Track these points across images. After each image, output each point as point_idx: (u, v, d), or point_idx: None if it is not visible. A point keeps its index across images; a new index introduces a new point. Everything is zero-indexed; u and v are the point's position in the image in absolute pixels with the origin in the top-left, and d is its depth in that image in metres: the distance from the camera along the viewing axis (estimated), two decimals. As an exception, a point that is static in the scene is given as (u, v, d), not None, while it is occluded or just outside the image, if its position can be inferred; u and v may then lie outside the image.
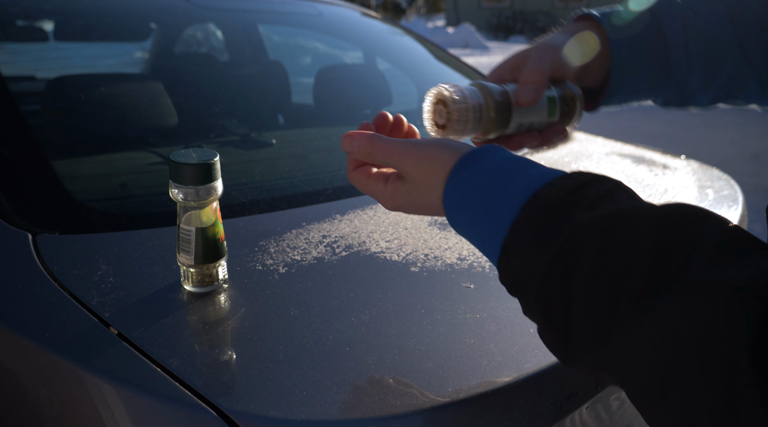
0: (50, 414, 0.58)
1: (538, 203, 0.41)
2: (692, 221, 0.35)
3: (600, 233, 0.37)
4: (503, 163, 0.46)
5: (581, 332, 0.37)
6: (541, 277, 0.39)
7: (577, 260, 0.37)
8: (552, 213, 0.40)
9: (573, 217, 0.39)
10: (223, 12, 1.67)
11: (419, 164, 0.50)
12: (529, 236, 0.41)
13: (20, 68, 1.29)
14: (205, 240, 0.64)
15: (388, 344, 0.58)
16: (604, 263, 0.36)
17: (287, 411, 0.48)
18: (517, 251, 0.42)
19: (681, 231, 0.35)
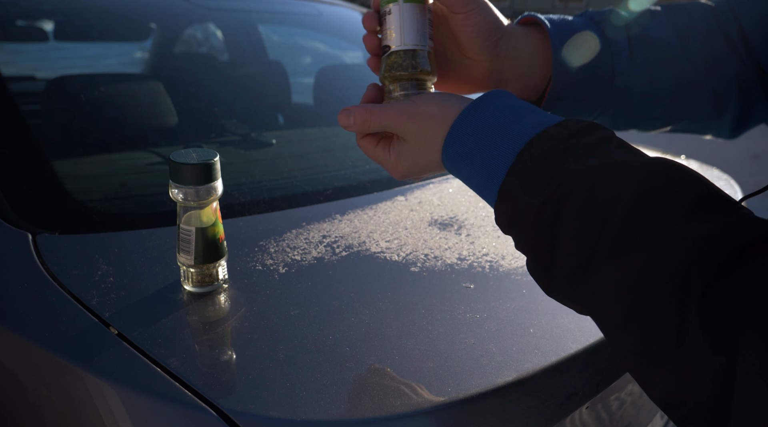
0: (50, 414, 0.58)
1: (533, 151, 0.45)
2: (670, 177, 0.39)
3: (586, 182, 0.41)
4: (503, 111, 0.49)
5: (562, 269, 0.41)
6: (531, 219, 0.43)
7: (565, 206, 0.41)
8: (545, 161, 0.44)
9: (564, 165, 0.43)
10: (223, 12, 1.67)
11: (414, 120, 0.53)
12: (524, 181, 0.45)
13: (20, 68, 1.29)
14: (205, 240, 0.64)
15: (388, 344, 0.58)
16: (587, 210, 0.40)
17: (287, 411, 0.48)
18: (512, 195, 0.46)
19: (658, 187, 0.38)
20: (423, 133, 0.52)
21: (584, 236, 0.40)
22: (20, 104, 0.99)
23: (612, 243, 0.38)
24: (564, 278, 0.41)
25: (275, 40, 1.90)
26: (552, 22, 0.59)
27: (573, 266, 0.40)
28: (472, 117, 0.50)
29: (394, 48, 0.56)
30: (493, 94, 0.50)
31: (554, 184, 0.42)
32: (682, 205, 0.37)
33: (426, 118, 0.52)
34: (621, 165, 0.40)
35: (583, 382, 0.58)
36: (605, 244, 0.38)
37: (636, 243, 0.37)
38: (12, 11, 1.31)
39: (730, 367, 0.31)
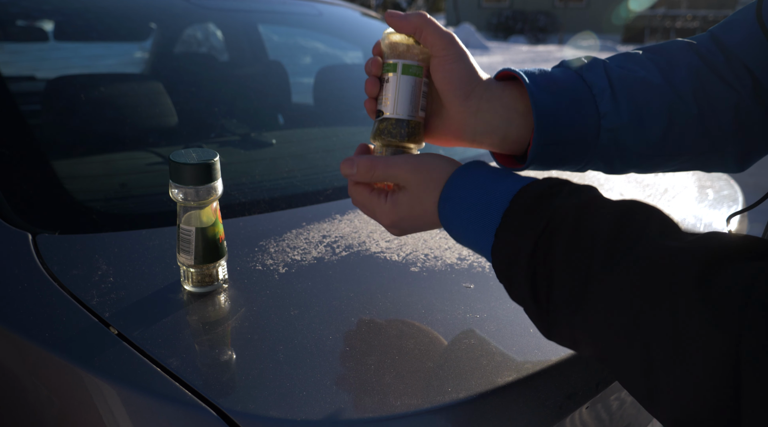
0: (50, 414, 0.58)
1: (525, 195, 0.49)
2: (644, 209, 0.44)
3: (574, 214, 0.45)
4: (491, 172, 0.54)
5: (560, 297, 0.44)
6: (528, 255, 0.46)
7: (557, 238, 0.45)
8: (537, 201, 0.48)
9: (554, 203, 0.47)
10: (223, 12, 1.67)
11: (417, 170, 0.57)
12: (519, 221, 0.48)
13: (20, 68, 1.29)
14: (205, 240, 0.64)
15: (388, 344, 0.58)
16: (577, 238, 0.44)
17: (287, 411, 0.48)
18: (508, 236, 0.49)
19: (636, 214, 0.43)
20: (424, 184, 0.56)
21: (576, 263, 0.43)
22: (20, 104, 0.99)
23: (602, 264, 0.41)
24: (562, 306, 0.43)
25: (275, 40, 1.90)
26: (528, 73, 0.59)
27: (568, 294, 0.43)
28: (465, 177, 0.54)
29: (387, 115, 0.60)
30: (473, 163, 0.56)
31: (546, 219, 0.46)
32: (657, 228, 0.42)
33: (430, 170, 0.56)
34: (601, 200, 0.46)
35: (583, 382, 0.58)
36: (596, 267, 0.41)
37: (622, 260, 0.40)
38: (12, 11, 1.31)
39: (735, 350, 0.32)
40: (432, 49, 0.58)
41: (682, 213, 1.01)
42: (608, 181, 1.12)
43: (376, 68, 0.60)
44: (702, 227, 0.97)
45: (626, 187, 1.10)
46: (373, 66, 0.60)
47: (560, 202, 0.47)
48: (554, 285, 0.44)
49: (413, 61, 0.59)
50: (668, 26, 17.12)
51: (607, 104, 0.59)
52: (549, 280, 0.44)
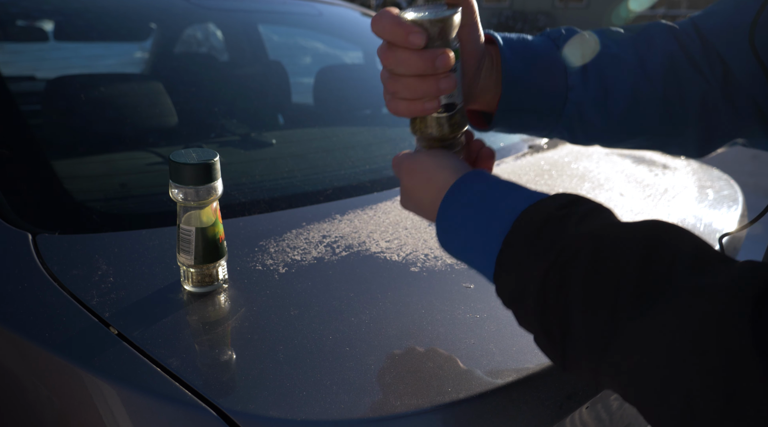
0: (50, 414, 0.58)
1: (530, 218, 0.44)
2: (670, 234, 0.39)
3: (592, 244, 0.39)
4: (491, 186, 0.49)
5: (579, 339, 0.39)
6: (537, 288, 0.41)
7: (572, 270, 0.39)
8: (545, 227, 0.43)
9: (566, 230, 0.42)
10: (223, 12, 1.67)
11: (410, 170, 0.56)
12: (524, 248, 0.43)
13: (20, 68, 1.29)
14: (205, 240, 0.64)
15: (388, 344, 0.58)
16: (597, 272, 0.38)
17: (287, 411, 0.48)
18: (513, 264, 0.44)
19: (661, 245, 0.38)
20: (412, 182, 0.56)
21: (599, 298, 0.38)
22: (20, 104, 0.99)
23: (631, 302, 0.36)
24: (583, 348, 0.39)
25: (275, 40, 1.90)
26: (505, 38, 0.60)
27: (593, 333, 0.38)
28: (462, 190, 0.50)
29: (459, 106, 0.54)
30: (469, 175, 0.51)
31: (557, 250, 0.41)
32: (688, 260, 0.36)
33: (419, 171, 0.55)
34: (621, 227, 0.40)
35: (583, 382, 0.58)
36: (624, 303, 0.36)
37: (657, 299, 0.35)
38: (12, 11, 1.32)
39: None
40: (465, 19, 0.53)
41: (682, 213, 1.01)
42: (608, 181, 1.12)
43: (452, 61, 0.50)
44: (702, 227, 0.97)
45: (626, 188, 1.10)
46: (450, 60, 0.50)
47: (573, 230, 0.41)
48: (571, 327, 0.39)
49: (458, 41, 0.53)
50: (668, 26, 17.12)
51: (577, 78, 0.60)
52: (564, 320, 0.40)
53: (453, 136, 0.56)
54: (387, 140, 1.30)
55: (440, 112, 0.53)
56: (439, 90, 0.51)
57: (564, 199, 0.44)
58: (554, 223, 0.42)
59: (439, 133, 0.55)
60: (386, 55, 0.50)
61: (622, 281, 0.37)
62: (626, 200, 1.03)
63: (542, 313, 0.41)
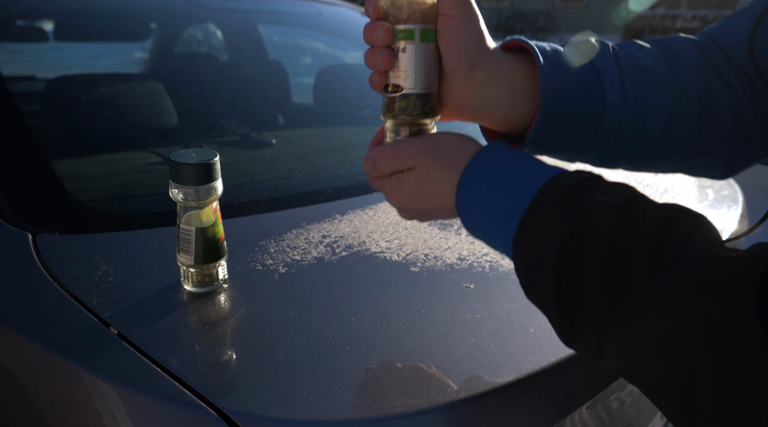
0: (50, 414, 0.58)
1: (558, 185, 0.44)
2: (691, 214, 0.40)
3: (615, 215, 0.40)
4: (517, 156, 0.49)
5: (590, 303, 0.39)
6: (557, 250, 0.41)
7: (592, 238, 0.40)
8: (572, 194, 0.43)
9: (592, 199, 0.42)
10: (223, 12, 1.67)
11: (428, 151, 0.51)
12: (550, 211, 0.43)
13: (20, 68, 1.29)
14: (205, 240, 0.64)
15: (388, 344, 0.58)
16: (616, 241, 0.39)
17: (287, 411, 0.48)
18: (536, 228, 0.44)
19: (682, 220, 0.39)
20: (436, 163, 0.51)
21: (614, 265, 0.39)
22: (20, 104, 0.99)
23: (644, 268, 0.37)
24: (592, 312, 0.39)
25: (275, 40, 1.90)
26: (540, 48, 0.55)
27: (603, 296, 0.39)
28: (490, 158, 0.49)
29: (406, 90, 0.52)
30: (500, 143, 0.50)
31: (580, 216, 0.41)
32: (707, 235, 0.38)
33: (443, 149, 0.51)
34: (646, 201, 0.42)
35: (583, 382, 0.58)
36: (637, 270, 0.37)
37: (669, 266, 0.36)
38: (12, 11, 1.31)
39: None
40: (443, 6, 0.50)
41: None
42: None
43: (388, 37, 0.51)
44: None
45: (626, 187, 1.09)
46: (385, 35, 0.51)
47: (599, 199, 0.42)
48: (584, 290, 0.40)
49: (431, 26, 0.51)
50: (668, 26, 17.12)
51: (615, 93, 0.55)
52: (578, 284, 0.40)
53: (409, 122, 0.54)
54: (387, 140, 1.30)
55: (389, 91, 0.53)
56: (374, 63, 0.52)
57: (589, 174, 0.45)
58: (581, 191, 0.43)
59: (389, 115, 0.54)
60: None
61: (639, 249, 0.38)
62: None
63: (557, 276, 0.41)
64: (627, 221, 0.40)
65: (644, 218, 0.40)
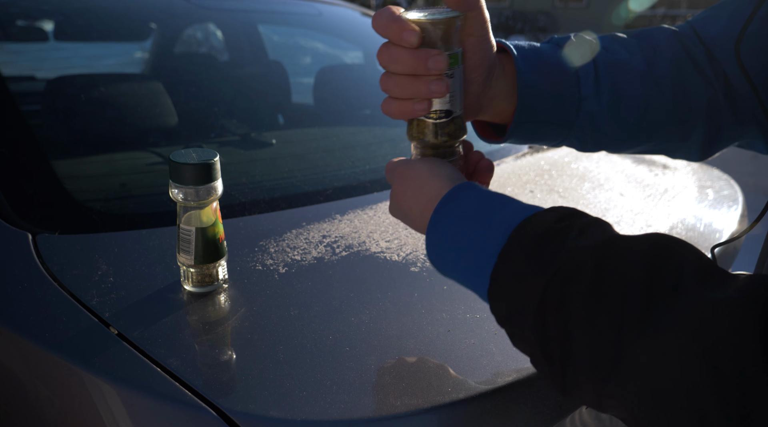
0: (50, 414, 0.58)
1: (527, 232, 0.42)
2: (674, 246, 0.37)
3: (593, 259, 0.38)
4: (484, 199, 0.47)
5: (581, 359, 0.37)
6: (535, 305, 0.39)
7: (573, 285, 0.38)
8: (542, 241, 0.41)
9: (565, 243, 0.40)
10: (223, 12, 1.67)
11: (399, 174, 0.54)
12: (521, 263, 0.41)
13: (20, 68, 1.29)
14: (205, 240, 0.64)
15: (388, 344, 0.58)
16: (600, 286, 0.37)
17: (287, 411, 0.48)
18: (509, 280, 0.42)
19: (665, 258, 0.36)
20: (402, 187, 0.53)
21: (603, 314, 0.36)
22: (20, 104, 0.99)
23: (639, 318, 0.35)
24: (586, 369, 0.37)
25: (275, 40, 1.90)
26: (519, 48, 0.58)
27: (596, 352, 0.36)
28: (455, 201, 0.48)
29: (455, 114, 0.53)
30: (462, 186, 0.49)
31: (556, 264, 0.39)
32: (694, 274, 0.35)
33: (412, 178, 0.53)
34: (623, 240, 0.39)
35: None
36: (630, 319, 0.35)
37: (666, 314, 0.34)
38: (12, 11, 1.31)
39: None
40: (473, 29, 0.51)
41: (682, 213, 1.01)
42: (608, 181, 1.12)
43: (446, 64, 0.49)
44: (702, 227, 0.97)
45: (626, 188, 1.10)
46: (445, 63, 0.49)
47: (573, 244, 0.40)
48: (573, 347, 0.37)
49: (461, 47, 0.52)
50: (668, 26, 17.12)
51: (590, 88, 0.59)
52: (565, 339, 0.38)
53: (448, 145, 0.55)
54: (387, 140, 1.30)
55: (435, 118, 0.53)
56: (429, 92, 0.50)
57: (562, 212, 0.43)
58: (552, 235, 0.41)
59: (434, 140, 0.54)
60: (381, 52, 0.50)
61: (628, 294, 0.35)
62: (626, 200, 1.03)
63: (541, 332, 0.39)
64: (606, 266, 0.37)
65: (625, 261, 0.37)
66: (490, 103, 0.57)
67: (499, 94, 0.57)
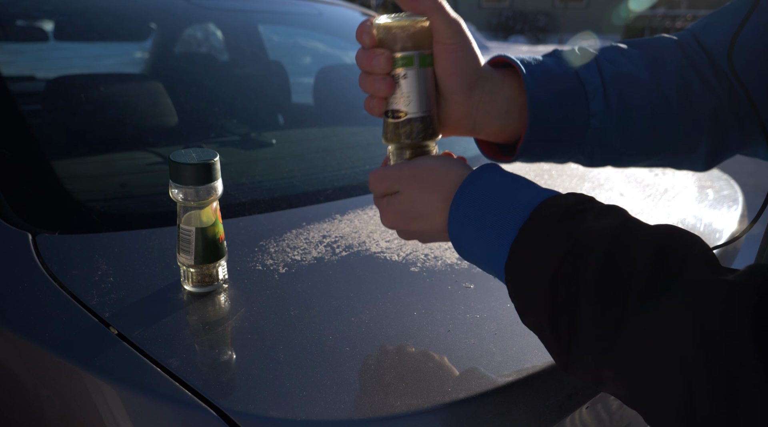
0: (50, 414, 0.58)
1: (548, 210, 0.44)
2: (683, 236, 0.40)
3: (609, 239, 0.40)
4: (508, 178, 0.49)
5: (587, 330, 0.39)
6: (549, 277, 0.41)
7: (587, 262, 0.40)
8: (563, 218, 0.43)
9: (583, 223, 0.42)
10: (223, 12, 1.67)
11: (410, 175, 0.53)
12: (540, 237, 0.43)
13: (20, 68, 1.29)
14: (205, 240, 0.64)
15: (388, 344, 0.58)
16: (611, 266, 0.39)
17: (287, 411, 0.48)
18: (527, 253, 0.44)
19: (674, 244, 0.39)
20: (420, 187, 0.53)
21: (610, 291, 0.38)
22: (20, 104, 0.99)
23: (641, 294, 0.37)
24: (590, 341, 0.39)
25: (275, 40, 1.90)
26: (525, 64, 0.57)
27: (601, 326, 0.38)
28: (479, 183, 0.49)
29: (409, 115, 0.54)
30: (486, 167, 0.51)
31: (573, 240, 0.41)
32: (700, 258, 0.37)
33: (430, 173, 0.52)
34: (638, 225, 0.41)
35: (583, 382, 0.58)
36: (634, 296, 0.37)
37: (666, 291, 0.36)
38: (12, 11, 1.31)
39: None
40: (439, 35, 0.53)
41: (682, 213, 1.01)
42: (608, 181, 1.12)
43: (389, 64, 0.52)
44: (702, 227, 0.97)
45: (626, 188, 1.10)
46: (386, 63, 0.52)
47: (591, 223, 0.42)
48: (580, 317, 0.39)
49: (427, 51, 0.53)
50: (668, 26, 17.13)
51: (599, 103, 0.58)
52: (573, 310, 0.40)
53: (411, 146, 0.55)
54: (387, 140, 1.30)
55: (391, 117, 0.55)
56: (375, 90, 0.53)
57: (581, 197, 0.45)
58: (573, 214, 0.43)
59: (393, 140, 0.55)
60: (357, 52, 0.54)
61: (635, 274, 0.38)
62: (626, 200, 1.03)
63: (552, 303, 0.41)
64: (620, 245, 0.40)
65: (637, 242, 0.39)
66: (486, 119, 0.57)
67: (497, 109, 0.56)
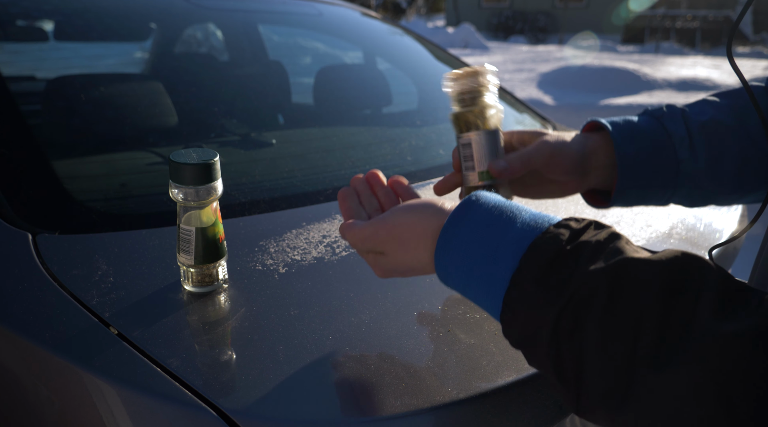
0: (50, 414, 0.58)
1: (538, 254, 0.41)
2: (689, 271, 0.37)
3: (607, 283, 0.37)
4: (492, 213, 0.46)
5: (595, 387, 0.37)
6: (549, 332, 0.39)
7: (587, 313, 0.38)
8: (554, 264, 0.40)
9: (577, 268, 0.39)
10: (223, 12, 1.67)
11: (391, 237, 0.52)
12: (533, 288, 0.40)
13: (20, 68, 1.29)
14: (205, 240, 0.64)
15: (388, 344, 0.58)
16: (614, 314, 0.37)
17: (287, 411, 0.48)
18: (522, 306, 0.41)
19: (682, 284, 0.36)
20: (402, 249, 0.52)
21: (616, 345, 0.36)
22: (20, 104, 0.99)
23: (651, 351, 0.35)
24: (599, 396, 0.37)
25: (275, 40, 1.90)
26: (613, 124, 0.67)
27: (609, 382, 0.36)
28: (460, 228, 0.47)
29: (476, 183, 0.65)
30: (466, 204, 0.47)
31: (570, 291, 0.38)
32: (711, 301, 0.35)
33: (407, 231, 0.51)
34: (637, 263, 0.38)
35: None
36: (644, 352, 0.35)
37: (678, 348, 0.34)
38: (12, 11, 1.31)
39: None
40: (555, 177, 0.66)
41: (682, 213, 1.01)
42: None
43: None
44: (702, 227, 0.97)
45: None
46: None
47: (585, 268, 0.39)
48: (586, 374, 0.37)
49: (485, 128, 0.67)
50: (668, 26, 17.12)
51: (685, 151, 0.65)
52: (578, 365, 0.38)
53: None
54: (387, 140, 1.30)
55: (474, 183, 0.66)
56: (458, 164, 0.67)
57: (573, 229, 0.42)
58: (564, 258, 0.40)
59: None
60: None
61: (641, 324, 0.35)
62: (626, 200, 1.03)
63: (555, 358, 0.39)
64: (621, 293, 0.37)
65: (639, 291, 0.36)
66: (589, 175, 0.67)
67: (598, 166, 0.67)
